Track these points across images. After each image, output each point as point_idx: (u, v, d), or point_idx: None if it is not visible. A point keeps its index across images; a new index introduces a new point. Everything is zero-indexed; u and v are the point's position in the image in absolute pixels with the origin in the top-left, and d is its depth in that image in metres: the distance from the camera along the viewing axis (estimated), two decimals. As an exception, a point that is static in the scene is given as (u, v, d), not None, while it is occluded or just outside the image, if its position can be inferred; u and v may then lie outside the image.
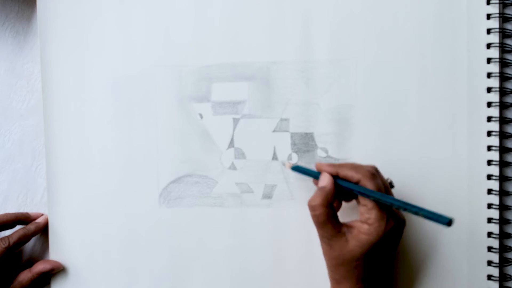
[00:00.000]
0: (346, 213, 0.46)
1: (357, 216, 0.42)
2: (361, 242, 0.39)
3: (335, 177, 0.42)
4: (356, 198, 0.42)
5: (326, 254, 0.41)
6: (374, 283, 0.40)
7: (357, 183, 0.40)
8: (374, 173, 0.41)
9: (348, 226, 0.40)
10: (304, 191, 0.47)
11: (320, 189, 0.41)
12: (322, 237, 0.41)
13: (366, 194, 0.39)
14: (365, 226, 0.39)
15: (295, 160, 0.48)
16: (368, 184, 0.40)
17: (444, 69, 0.46)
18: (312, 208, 0.40)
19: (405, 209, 0.38)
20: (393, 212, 0.40)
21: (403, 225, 0.41)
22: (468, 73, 0.45)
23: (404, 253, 0.46)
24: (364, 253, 0.39)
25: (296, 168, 0.45)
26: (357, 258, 0.39)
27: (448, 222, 0.36)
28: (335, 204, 0.43)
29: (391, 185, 0.43)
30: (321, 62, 0.47)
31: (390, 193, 0.42)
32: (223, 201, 0.48)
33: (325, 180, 0.41)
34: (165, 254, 0.49)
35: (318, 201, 0.40)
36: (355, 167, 0.41)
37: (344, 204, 0.45)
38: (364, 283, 0.40)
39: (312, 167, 0.47)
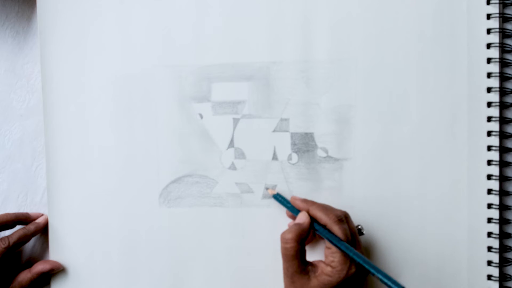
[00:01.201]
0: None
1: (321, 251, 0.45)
2: (323, 283, 0.40)
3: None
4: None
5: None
6: None
7: (324, 225, 0.42)
8: (342, 219, 0.42)
9: (312, 265, 0.42)
10: (304, 191, 0.47)
11: (297, 224, 0.43)
12: (287, 271, 0.42)
13: (333, 242, 0.41)
14: (329, 268, 0.41)
15: (295, 160, 0.48)
16: (334, 229, 0.41)
17: (444, 69, 0.46)
18: (284, 240, 0.42)
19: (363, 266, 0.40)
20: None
21: (366, 273, 0.41)
22: (468, 73, 0.45)
23: (404, 252, 0.46)
24: None
25: (276, 197, 0.47)
26: None
27: None
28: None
29: (360, 232, 0.44)
30: (321, 62, 0.47)
31: (357, 240, 0.43)
32: (223, 201, 0.48)
33: (303, 218, 0.43)
34: (165, 254, 0.49)
35: (291, 235, 0.42)
36: (325, 209, 0.43)
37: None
38: None
39: (312, 167, 0.47)
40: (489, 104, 0.45)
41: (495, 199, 0.45)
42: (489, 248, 0.45)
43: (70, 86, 0.49)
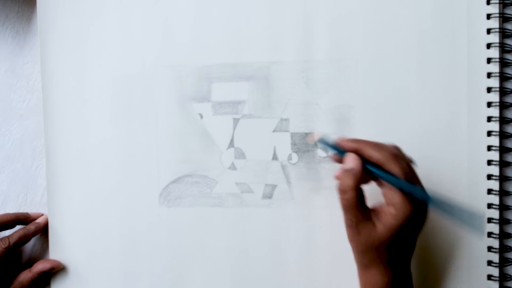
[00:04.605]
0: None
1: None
2: (389, 226, 0.38)
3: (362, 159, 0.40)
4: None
5: (353, 240, 0.40)
6: (400, 265, 0.40)
7: (379, 164, 0.39)
8: (398, 155, 0.39)
9: (374, 210, 0.39)
10: (304, 191, 0.47)
11: (349, 171, 0.39)
12: (350, 222, 0.39)
13: (393, 183, 0.38)
14: (392, 211, 0.38)
15: (295, 160, 0.48)
16: (393, 168, 0.38)
17: (444, 69, 0.46)
18: (342, 191, 0.39)
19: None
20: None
21: (426, 208, 0.39)
22: (468, 73, 0.45)
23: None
24: (392, 237, 0.38)
25: (322, 141, 0.42)
26: (386, 242, 0.38)
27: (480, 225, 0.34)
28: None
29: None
30: (321, 62, 0.47)
31: (414, 173, 0.40)
32: (223, 201, 0.48)
33: (354, 162, 0.39)
34: (165, 254, 0.49)
35: (350, 183, 0.39)
36: (378, 146, 0.39)
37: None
38: (391, 266, 0.39)
39: (312, 167, 0.47)
40: (489, 104, 0.45)
41: (495, 199, 0.45)
42: (489, 248, 0.45)
43: (70, 86, 0.49)
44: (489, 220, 0.45)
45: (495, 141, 0.45)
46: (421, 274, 0.46)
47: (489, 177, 0.45)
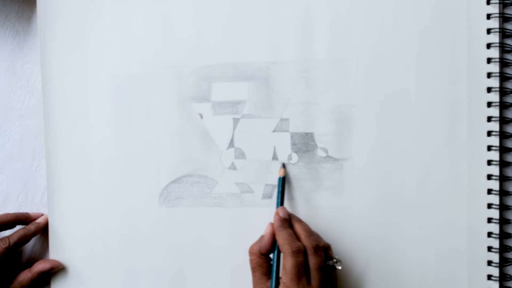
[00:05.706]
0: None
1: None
2: None
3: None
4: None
5: None
6: None
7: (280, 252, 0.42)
8: (300, 251, 0.41)
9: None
10: (304, 191, 0.47)
11: (260, 238, 0.44)
12: (253, 280, 0.43)
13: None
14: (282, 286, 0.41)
15: (295, 160, 0.48)
16: (286, 261, 0.41)
17: (444, 69, 0.46)
18: (249, 252, 0.44)
19: None
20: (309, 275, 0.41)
21: None
22: (468, 73, 0.45)
23: (404, 252, 0.46)
24: None
25: (279, 181, 0.46)
26: None
27: None
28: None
29: (333, 267, 0.42)
30: (321, 62, 0.47)
31: (329, 274, 0.42)
32: (223, 201, 0.48)
33: (267, 230, 0.44)
34: (165, 254, 0.49)
35: (254, 248, 0.44)
36: (288, 239, 0.42)
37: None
38: None
39: (312, 167, 0.47)
40: (489, 104, 0.45)
41: (495, 199, 0.45)
42: (489, 248, 0.45)
43: (70, 86, 0.49)
44: (489, 220, 0.45)
45: (495, 141, 0.45)
46: (421, 274, 0.46)
47: (489, 177, 0.45)
